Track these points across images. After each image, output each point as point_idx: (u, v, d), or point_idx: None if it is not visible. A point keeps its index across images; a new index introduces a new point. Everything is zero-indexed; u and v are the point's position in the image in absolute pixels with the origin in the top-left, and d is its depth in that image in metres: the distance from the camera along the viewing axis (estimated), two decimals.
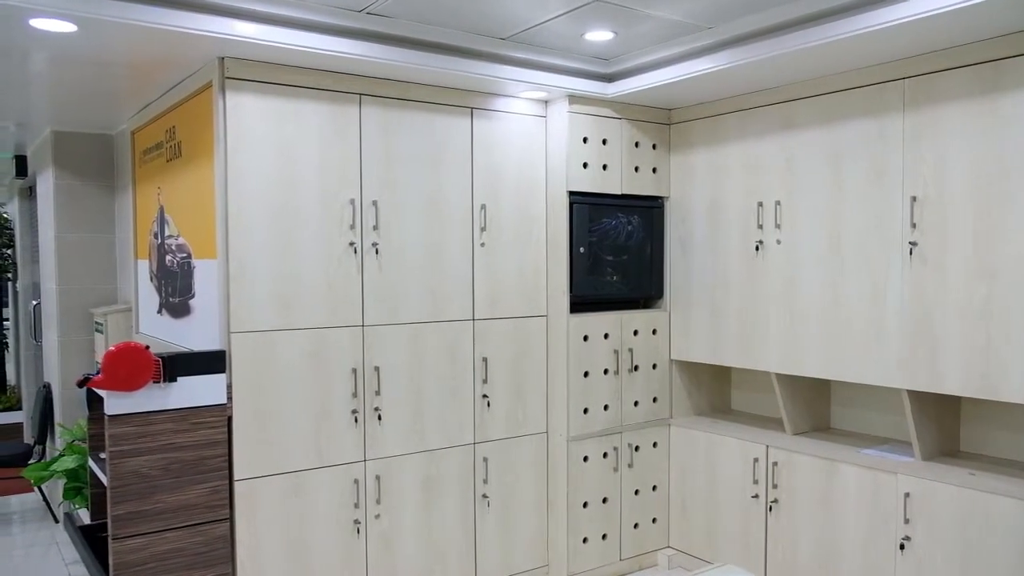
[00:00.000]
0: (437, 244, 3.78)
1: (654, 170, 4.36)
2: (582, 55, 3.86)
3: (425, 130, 3.73)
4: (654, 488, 4.40)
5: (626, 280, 4.27)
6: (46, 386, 5.53)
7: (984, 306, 3.12)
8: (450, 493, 3.87)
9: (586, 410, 4.11)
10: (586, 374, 4.10)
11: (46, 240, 5.42)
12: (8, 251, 7.50)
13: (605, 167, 4.14)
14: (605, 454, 4.19)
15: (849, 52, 3.25)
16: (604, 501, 4.20)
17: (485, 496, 3.97)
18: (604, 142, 4.13)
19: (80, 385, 2.99)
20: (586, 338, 4.10)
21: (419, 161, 3.72)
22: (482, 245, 3.93)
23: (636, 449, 4.31)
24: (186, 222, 3.77)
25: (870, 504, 3.47)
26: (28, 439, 6.63)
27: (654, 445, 4.39)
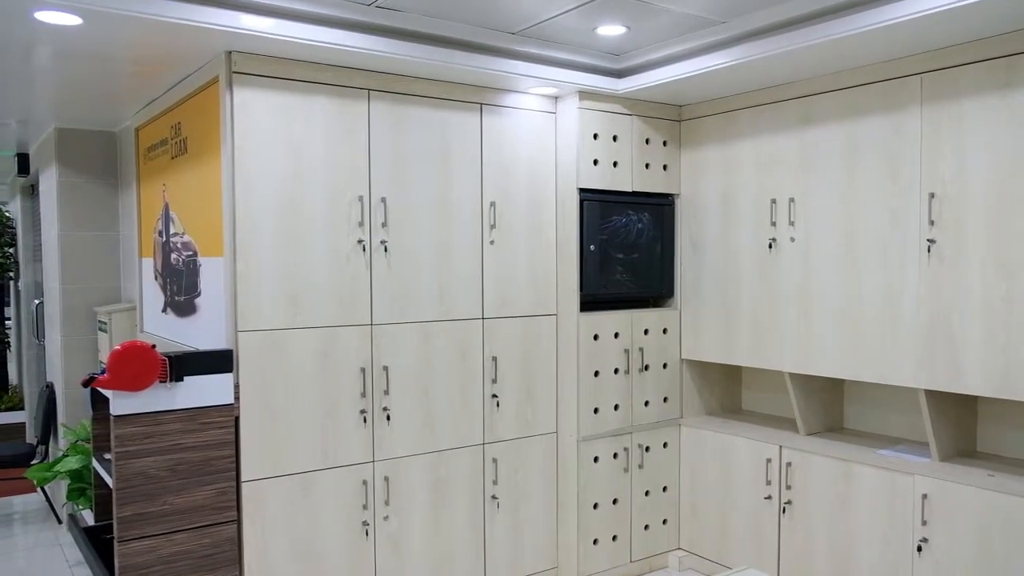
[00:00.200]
0: (446, 242, 3.73)
1: (664, 167, 4.30)
2: (593, 50, 3.80)
3: (434, 126, 3.68)
4: (664, 489, 4.34)
5: (636, 279, 4.22)
6: (49, 386, 5.48)
7: (1003, 304, 3.07)
8: (459, 494, 3.81)
9: (596, 410, 4.06)
10: (596, 373, 4.05)
11: (49, 238, 5.37)
12: (10, 250, 7.45)
13: (615, 164, 4.09)
14: (615, 455, 4.14)
15: (865, 47, 3.20)
16: (614, 502, 4.15)
17: (495, 497, 3.92)
18: (615, 139, 4.08)
19: (85, 385, 2.94)
20: (596, 337, 4.05)
21: (428, 158, 3.67)
22: (491, 243, 3.87)
23: (646, 449, 4.26)
24: (192, 219, 3.72)
25: (886, 505, 3.42)
26: (31, 439, 6.59)
27: (664, 445, 4.34)
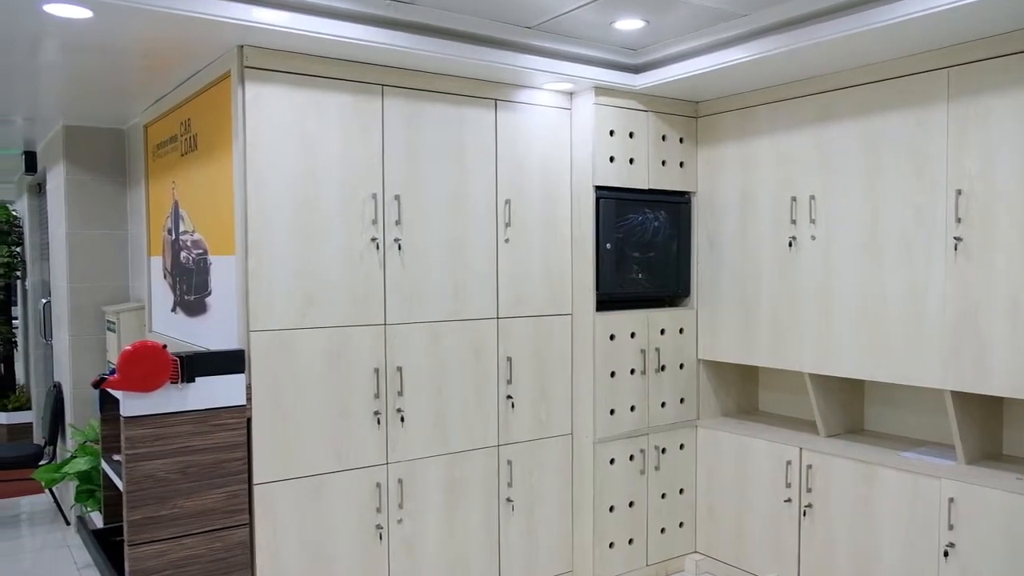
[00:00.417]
0: (460, 240, 3.67)
1: (681, 164, 4.23)
2: (610, 45, 3.74)
3: (448, 122, 3.62)
4: (681, 491, 4.27)
5: (652, 278, 4.15)
6: (56, 386, 5.43)
7: None
8: (474, 497, 3.75)
9: (613, 411, 3.99)
10: (612, 374, 3.98)
11: (57, 237, 5.32)
12: (17, 248, 7.41)
13: (632, 161, 4.02)
14: (632, 456, 4.07)
15: (889, 41, 3.12)
16: (631, 505, 4.08)
17: (509, 500, 3.85)
18: (631, 135, 4.01)
19: (95, 386, 2.88)
20: (613, 337, 3.98)
21: (442, 154, 3.61)
22: (506, 241, 3.81)
23: (663, 451, 4.19)
24: (202, 217, 3.66)
25: (911, 509, 3.35)
26: (38, 439, 6.54)
27: (681, 447, 4.27)
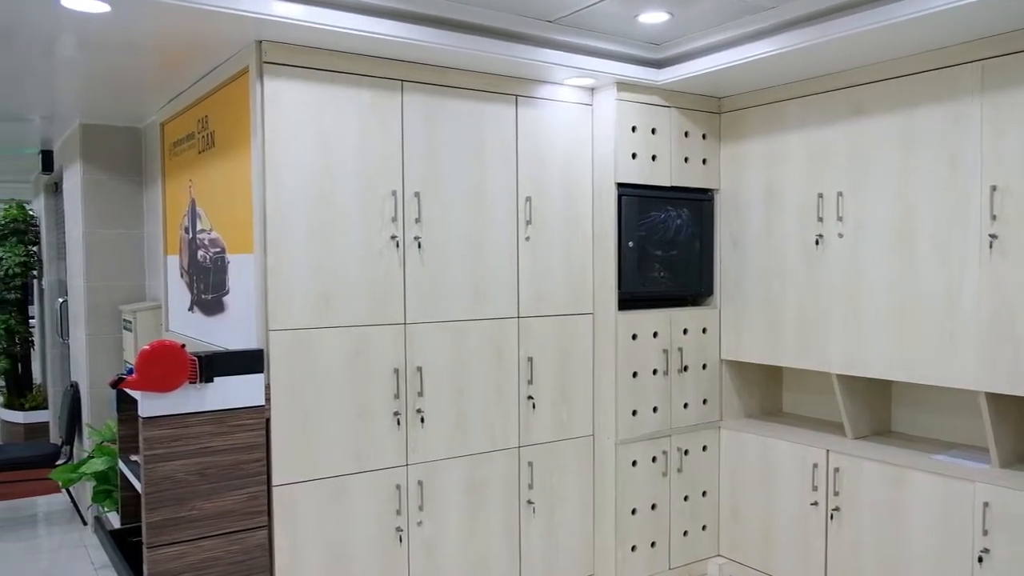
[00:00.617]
0: (481, 238, 3.61)
1: (704, 161, 4.16)
2: (632, 39, 3.67)
3: (469, 119, 3.56)
4: (704, 494, 4.20)
5: (674, 276, 4.08)
6: (73, 385, 5.41)
7: None
8: (494, 499, 3.69)
9: (635, 412, 3.92)
10: (635, 374, 3.91)
11: (73, 236, 5.30)
12: (34, 248, 7.41)
13: (654, 158, 3.95)
14: (654, 458, 4.00)
15: (922, 33, 3.04)
16: (653, 507, 4.01)
17: (530, 502, 3.79)
18: (653, 131, 3.94)
19: (114, 386, 2.85)
20: (635, 337, 3.91)
21: (462, 151, 3.55)
22: (527, 239, 3.75)
23: (685, 453, 4.12)
24: (220, 215, 3.62)
25: (943, 514, 3.26)
26: (55, 439, 6.53)
27: (704, 449, 4.19)
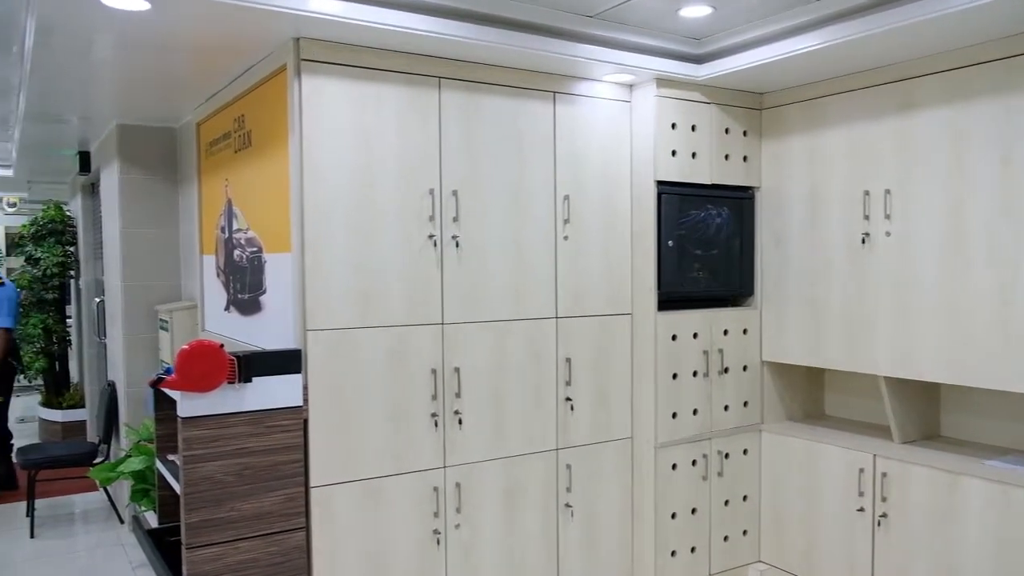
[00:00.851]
0: (518, 237, 3.56)
1: (745, 158, 4.07)
2: (673, 34, 3.59)
3: (506, 116, 3.51)
4: (744, 498, 4.11)
5: (714, 276, 4.00)
6: (111, 384, 5.45)
7: None
8: (532, 501, 3.64)
9: (675, 414, 3.85)
10: (675, 376, 3.84)
11: (111, 236, 5.34)
12: (71, 248, 7.50)
13: (694, 155, 3.88)
14: (694, 462, 3.93)
15: (975, 23, 2.93)
16: (693, 512, 3.94)
17: (568, 505, 3.73)
18: (693, 128, 3.86)
19: (153, 386, 2.84)
20: (675, 337, 3.84)
21: (500, 149, 3.50)
22: (565, 238, 3.69)
23: (726, 456, 4.04)
24: (256, 215, 3.61)
25: (999, 522, 3.15)
26: (91, 437, 6.59)
27: (744, 452, 4.10)
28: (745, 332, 4.09)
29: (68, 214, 7.68)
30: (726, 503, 4.05)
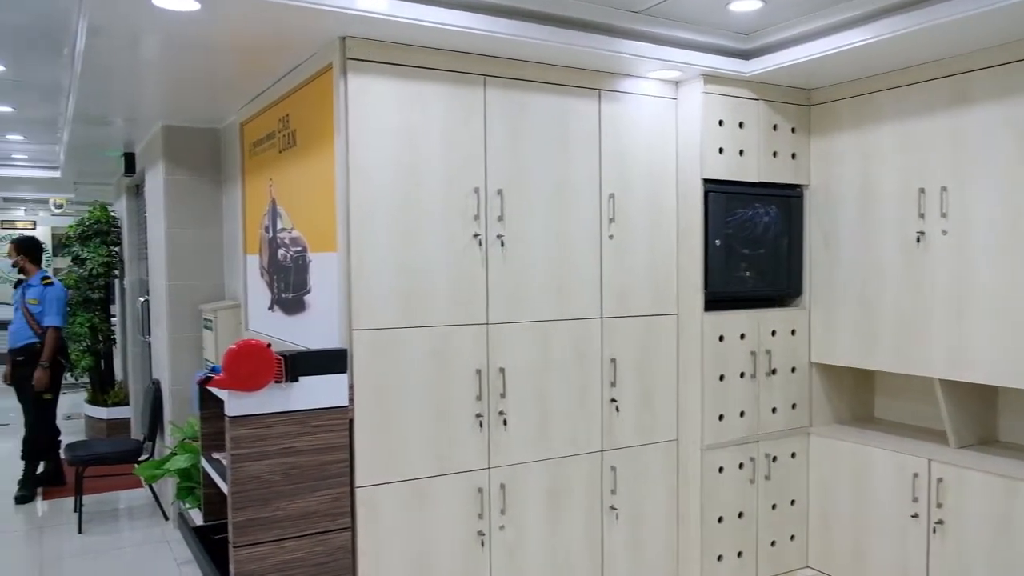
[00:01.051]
0: (563, 237, 3.52)
1: (793, 156, 3.99)
2: (720, 29, 3.53)
3: (550, 114, 3.47)
4: (792, 502, 4.03)
5: (762, 276, 3.92)
6: (155, 383, 5.52)
7: None
8: (576, 504, 3.60)
9: (721, 416, 3.78)
10: (721, 378, 3.77)
11: (156, 236, 5.40)
12: (116, 249, 7.61)
13: (741, 153, 3.81)
14: (741, 465, 3.85)
15: None
16: (739, 516, 3.86)
17: (613, 508, 3.68)
18: (740, 125, 3.79)
19: (202, 384, 2.85)
20: (721, 338, 3.77)
21: (545, 147, 3.46)
22: (610, 237, 3.64)
23: (773, 460, 3.96)
24: (301, 214, 3.61)
25: None
26: (136, 435, 6.69)
27: (792, 455, 4.02)
28: (793, 333, 4.01)
29: (113, 215, 7.80)
30: (773, 507, 3.97)
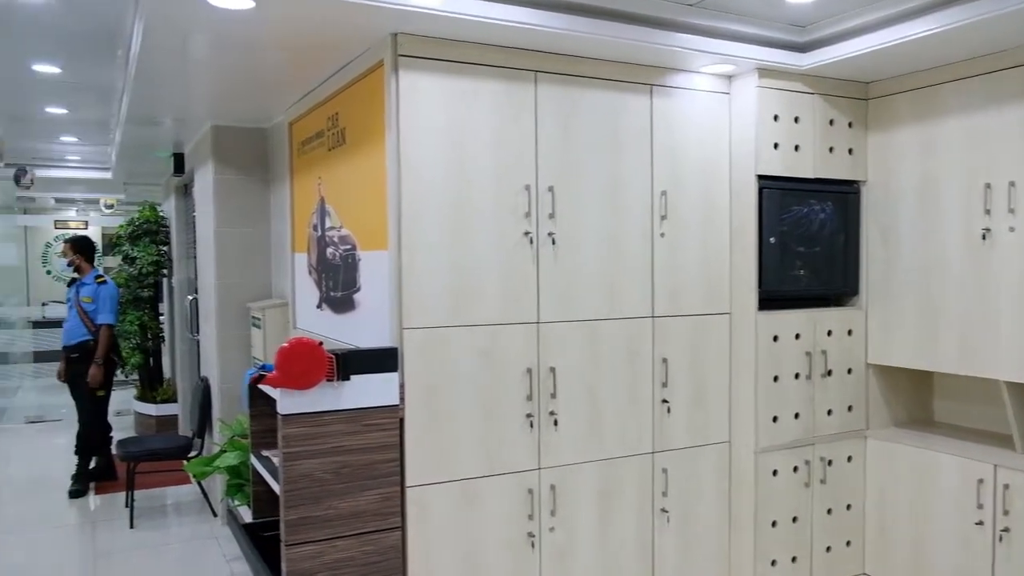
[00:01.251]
0: (615, 234, 3.46)
1: (850, 151, 3.88)
2: (776, 22, 3.45)
3: (602, 110, 3.42)
4: (848, 507, 3.92)
5: (817, 274, 3.82)
6: (204, 380, 5.58)
7: None
8: (627, 505, 3.54)
9: (775, 418, 3.69)
10: (776, 379, 3.69)
11: (204, 235, 5.46)
12: (164, 248, 7.73)
13: (796, 148, 3.71)
14: (795, 468, 3.76)
15: None
16: (794, 520, 3.77)
17: (664, 510, 3.62)
18: (796, 120, 3.70)
19: (255, 382, 2.85)
20: (776, 338, 3.68)
21: (596, 143, 3.41)
22: (662, 235, 3.58)
23: (829, 463, 3.86)
24: (350, 212, 3.61)
25: None
26: (184, 431, 6.78)
27: (848, 459, 3.91)
28: (850, 333, 3.91)
29: (162, 215, 7.92)
30: (829, 512, 3.87)
